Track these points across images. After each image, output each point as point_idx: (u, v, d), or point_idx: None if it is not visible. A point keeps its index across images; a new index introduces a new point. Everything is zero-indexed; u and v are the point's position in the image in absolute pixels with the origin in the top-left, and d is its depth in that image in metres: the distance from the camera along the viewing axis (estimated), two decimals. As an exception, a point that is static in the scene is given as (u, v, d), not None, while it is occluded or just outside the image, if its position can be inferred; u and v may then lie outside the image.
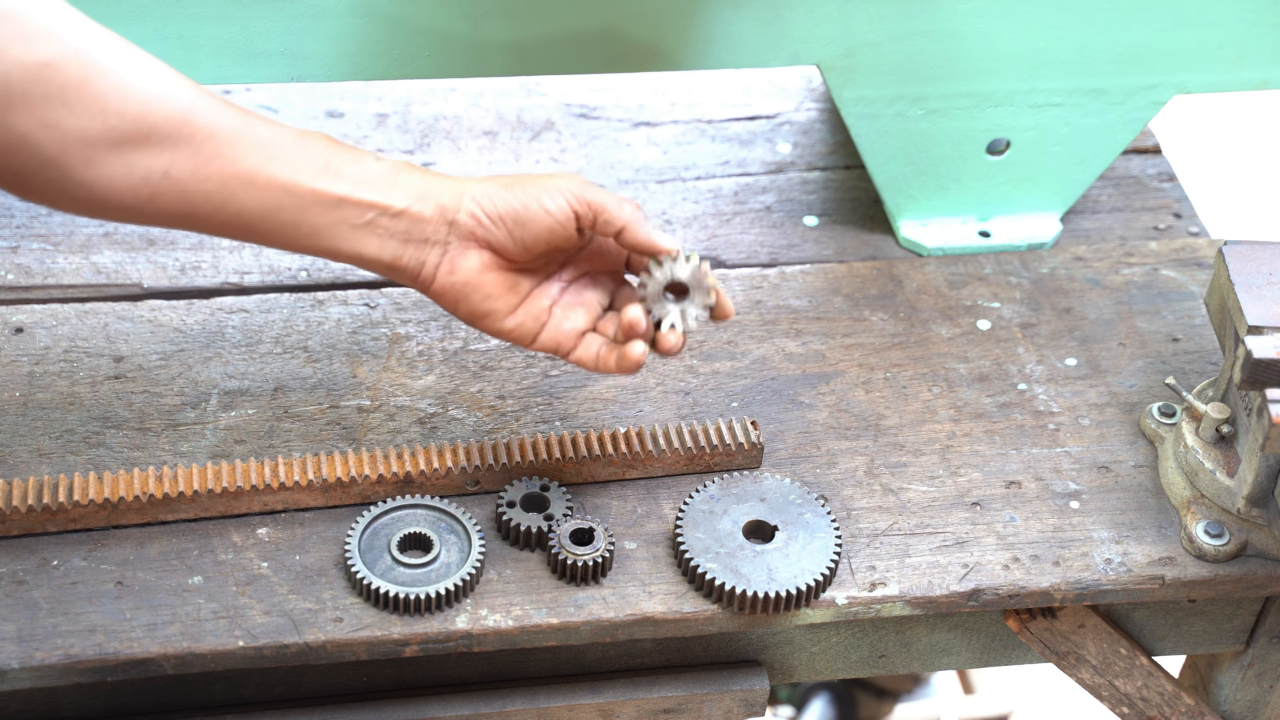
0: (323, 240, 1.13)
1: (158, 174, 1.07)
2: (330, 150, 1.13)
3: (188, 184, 1.08)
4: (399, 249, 1.15)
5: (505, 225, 1.15)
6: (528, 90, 1.63)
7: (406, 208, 1.14)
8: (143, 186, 1.07)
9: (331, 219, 1.13)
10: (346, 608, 1.16)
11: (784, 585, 1.18)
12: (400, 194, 1.14)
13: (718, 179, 1.56)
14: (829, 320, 1.42)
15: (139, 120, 1.06)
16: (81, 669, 1.12)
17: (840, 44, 1.39)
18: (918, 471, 1.30)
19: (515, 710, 1.22)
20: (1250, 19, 1.42)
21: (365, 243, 1.14)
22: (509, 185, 1.17)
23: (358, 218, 1.13)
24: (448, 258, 1.16)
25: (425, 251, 1.16)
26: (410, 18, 1.32)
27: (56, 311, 1.36)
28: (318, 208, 1.12)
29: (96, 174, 1.06)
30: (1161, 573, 1.24)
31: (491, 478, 1.24)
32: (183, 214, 1.10)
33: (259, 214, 1.11)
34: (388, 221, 1.14)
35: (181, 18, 1.29)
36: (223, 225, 1.11)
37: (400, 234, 1.15)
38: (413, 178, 1.15)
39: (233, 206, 1.10)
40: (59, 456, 1.24)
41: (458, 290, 1.17)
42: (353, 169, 1.13)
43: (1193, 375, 1.39)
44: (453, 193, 1.16)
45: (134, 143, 1.06)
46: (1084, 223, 1.55)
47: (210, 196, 1.09)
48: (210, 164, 1.09)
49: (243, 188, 1.10)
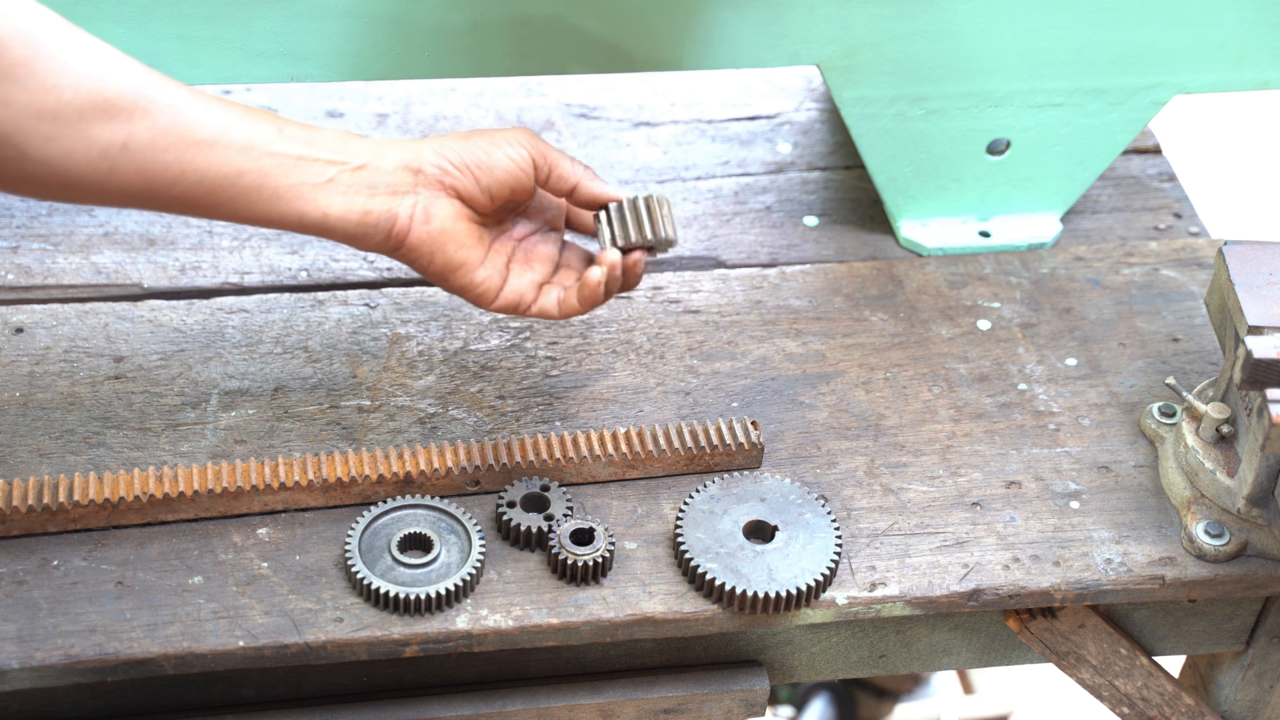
0: (286, 204, 1.13)
1: (116, 146, 1.07)
2: (280, 120, 1.14)
3: (147, 154, 1.08)
4: (366, 203, 1.15)
5: (471, 173, 1.17)
6: (528, 90, 1.63)
7: (365, 162, 1.15)
8: (101, 160, 1.07)
9: (292, 180, 1.12)
10: (347, 608, 1.16)
11: (784, 585, 1.18)
12: (355, 152, 1.15)
13: (718, 179, 1.56)
14: (829, 320, 1.42)
15: (93, 93, 1.06)
16: (81, 669, 1.12)
17: (840, 44, 1.39)
18: (918, 471, 1.30)
19: (515, 710, 1.22)
20: (1250, 19, 1.42)
21: (329, 201, 1.14)
22: (466, 137, 1.19)
23: (318, 175, 1.13)
24: (421, 207, 1.16)
25: (395, 202, 1.16)
26: (410, 17, 1.32)
27: (56, 311, 1.36)
28: (278, 170, 1.12)
29: (55, 149, 1.05)
30: (1162, 573, 1.24)
31: (491, 478, 1.24)
32: (143, 186, 1.09)
33: (219, 181, 1.11)
34: (349, 176, 1.14)
35: (181, 18, 1.29)
36: (183, 197, 1.11)
37: (365, 187, 1.15)
38: (363, 142, 1.16)
39: (192, 175, 1.10)
40: (59, 456, 1.24)
41: (434, 240, 1.17)
42: (305, 134, 1.14)
43: (1193, 375, 1.39)
44: (410, 149, 1.17)
45: (90, 115, 1.06)
46: (1084, 223, 1.55)
47: (169, 167, 1.09)
48: (168, 133, 1.08)
49: (202, 155, 1.09)
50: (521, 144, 1.18)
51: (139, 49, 1.30)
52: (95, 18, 1.27)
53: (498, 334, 1.37)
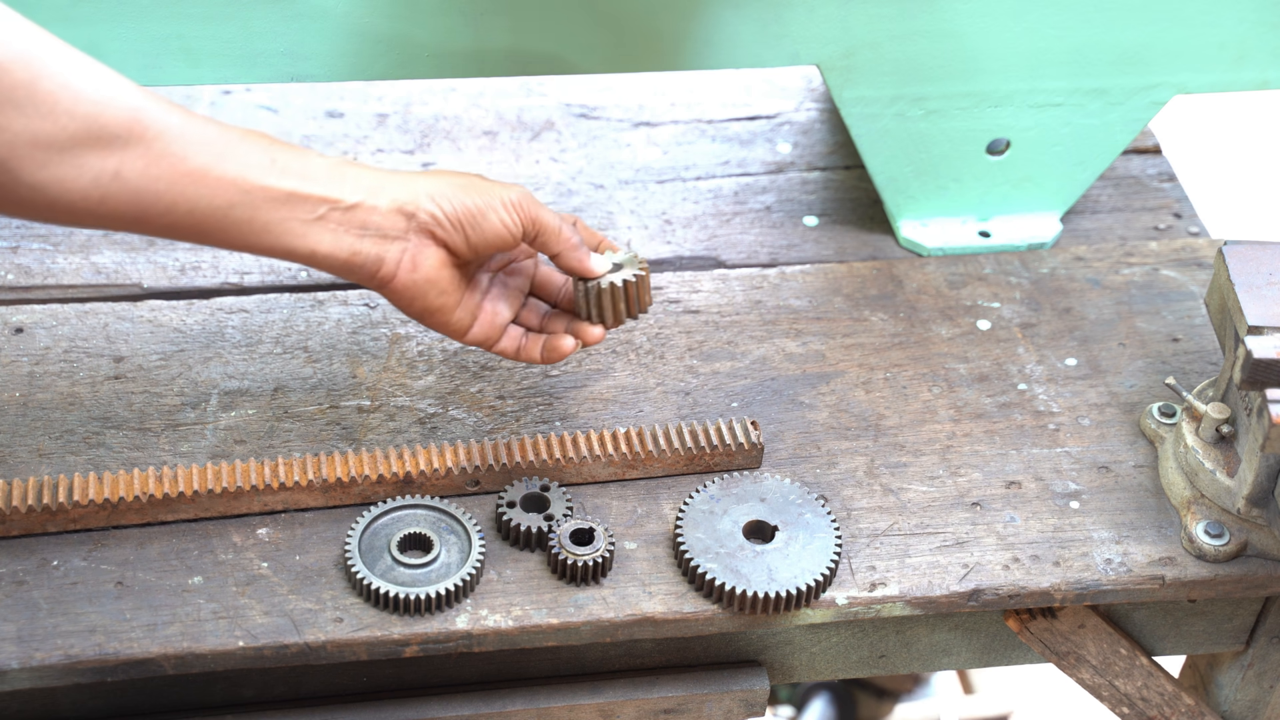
0: (275, 238, 1.13)
1: (108, 175, 1.07)
2: (275, 148, 1.13)
3: (138, 184, 1.08)
4: (355, 244, 1.14)
5: (462, 229, 1.17)
6: (528, 90, 1.63)
7: (359, 201, 1.14)
8: (93, 189, 1.07)
9: (282, 215, 1.12)
10: (346, 608, 1.16)
11: (784, 585, 1.18)
12: (350, 188, 1.14)
13: (718, 179, 1.56)
14: (829, 320, 1.42)
15: (89, 120, 1.05)
16: (81, 669, 1.12)
17: (840, 44, 1.39)
18: (918, 472, 1.30)
19: (515, 710, 1.22)
20: (1250, 19, 1.42)
21: (319, 239, 1.13)
22: (464, 188, 1.18)
23: (309, 213, 1.13)
24: (409, 255, 1.16)
25: (384, 247, 1.15)
26: (410, 17, 1.32)
27: (56, 311, 1.36)
28: (269, 204, 1.11)
29: (48, 176, 1.05)
30: (1161, 573, 1.24)
31: (491, 478, 1.24)
32: (134, 215, 1.09)
33: (210, 213, 1.10)
34: (340, 216, 1.14)
35: (181, 18, 1.29)
36: (173, 226, 1.11)
37: (355, 228, 1.14)
38: (360, 173, 1.15)
39: (183, 206, 1.09)
40: (59, 457, 1.24)
41: (418, 287, 1.17)
42: (299, 165, 1.13)
43: (1193, 375, 1.39)
44: (407, 189, 1.16)
45: (84, 144, 1.05)
46: (1084, 223, 1.55)
47: (160, 196, 1.09)
48: (160, 163, 1.08)
49: (193, 186, 1.09)
50: (516, 209, 1.18)
51: (139, 49, 1.30)
52: (95, 18, 1.27)
53: (498, 334, 1.37)
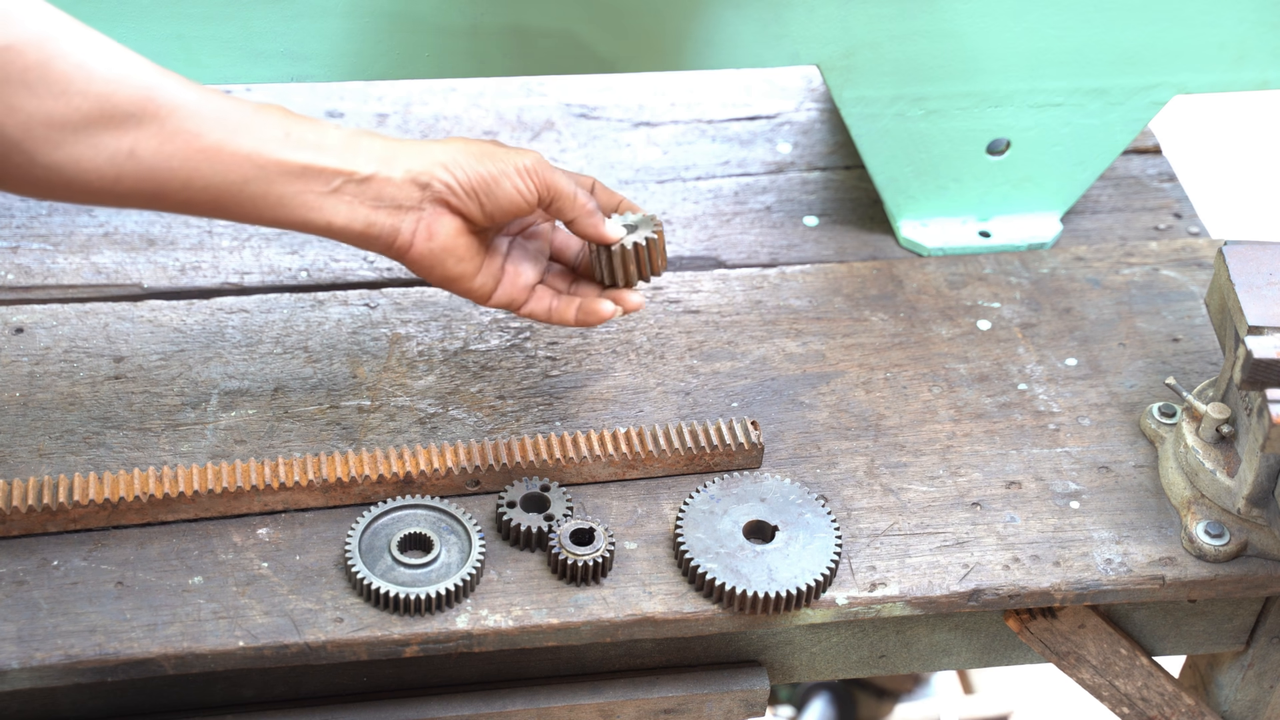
0: (291, 211, 1.13)
1: (123, 154, 1.07)
2: (289, 120, 1.13)
3: (153, 162, 1.08)
4: (370, 215, 1.15)
5: (477, 197, 1.17)
6: (528, 90, 1.63)
7: (374, 173, 1.14)
8: (108, 167, 1.07)
9: (298, 189, 1.12)
10: (347, 608, 1.16)
11: (784, 585, 1.18)
12: (365, 159, 1.14)
13: (718, 179, 1.56)
14: (829, 320, 1.42)
15: (102, 100, 1.05)
16: (81, 669, 1.12)
17: (840, 44, 1.39)
18: (918, 471, 1.30)
19: (515, 710, 1.22)
20: (1250, 19, 1.42)
21: (334, 211, 1.14)
22: (478, 156, 1.18)
23: (324, 186, 1.13)
24: (424, 224, 1.17)
25: (400, 217, 1.16)
26: (410, 17, 1.32)
27: (56, 311, 1.36)
28: (284, 178, 1.12)
29: (63, 156, 1.05)
30: (1162, 573, 1.24)
31: (491, 478, 1.24)
32: (150, 193, 1.10)
33: (225, 188, 1.11)
34: (355, 188, 1.14)
35: (181, 18, 1.29)
36: (190, 202, 1.11)
37: (370, 199, 1.15)
38: (374, 143, 1.16)
39: (199, 182, 1.10)
40: (59, 456, 1.24)
41: (435, 256, 1.18)
42: (314, 137, 1.13)
43: (1193, 375, 1.39)
44: (421, 159, 1.16)
45: (99, 123, 1.05)
46: (1084, 223, 1.55)
47: (176, 173, 1.09)
48: (174, 140, 1.08)
49: (208, 162, 1.09)
50: (530, 176, 1.18)
51: (139, 49, 1.29)
52: (95, 18, 1.27)
53: (498, 334, 1.37)
